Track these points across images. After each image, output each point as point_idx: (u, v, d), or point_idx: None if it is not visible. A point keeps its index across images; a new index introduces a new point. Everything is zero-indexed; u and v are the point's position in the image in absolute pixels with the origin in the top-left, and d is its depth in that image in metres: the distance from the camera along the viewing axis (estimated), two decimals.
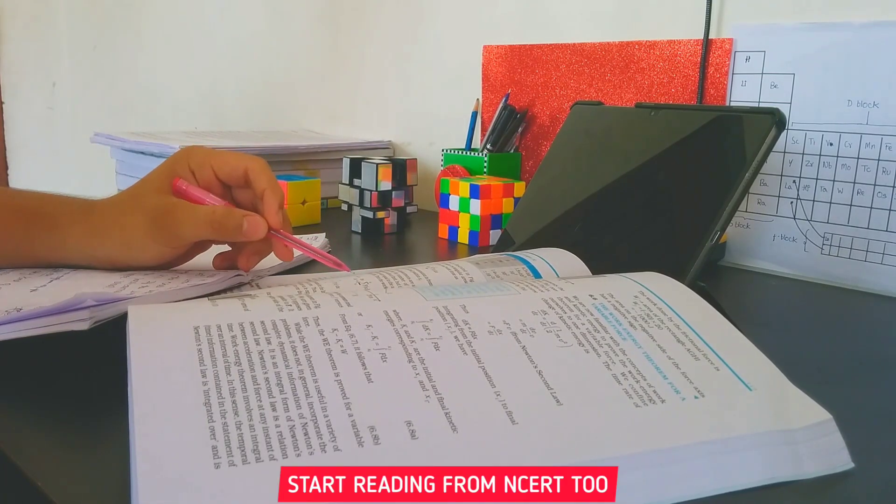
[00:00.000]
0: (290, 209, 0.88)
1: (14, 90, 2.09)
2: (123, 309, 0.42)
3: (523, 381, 0.35)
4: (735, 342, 0.40)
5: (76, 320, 0.41)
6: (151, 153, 0.99)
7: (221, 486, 0.27)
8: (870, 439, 0.38)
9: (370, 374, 0.34)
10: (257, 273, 0.58)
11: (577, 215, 0.64)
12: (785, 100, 0.74)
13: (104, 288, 0.50)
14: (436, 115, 1.12)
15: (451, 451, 0.30)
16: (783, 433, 0.34)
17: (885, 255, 0.69)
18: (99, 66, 1.86)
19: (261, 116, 1.43)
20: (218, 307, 0.37)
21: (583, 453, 0.31)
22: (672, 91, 0.83)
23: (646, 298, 0.42)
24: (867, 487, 0.33)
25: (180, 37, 1.62)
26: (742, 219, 0.78)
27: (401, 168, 0.86)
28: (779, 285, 0.72)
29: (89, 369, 0.44)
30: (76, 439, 0.36)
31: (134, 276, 0.54)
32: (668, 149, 0.60)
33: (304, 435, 0.30)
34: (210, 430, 0.29)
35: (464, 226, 0.82)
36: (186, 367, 0.32)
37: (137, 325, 0.35)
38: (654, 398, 0.35)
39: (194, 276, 0.53)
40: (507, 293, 0.41)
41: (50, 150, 2.03)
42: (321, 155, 1.07)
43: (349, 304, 0.38)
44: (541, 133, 0.96)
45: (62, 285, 0.52)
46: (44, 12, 1.98)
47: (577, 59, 0.91)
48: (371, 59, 1.21)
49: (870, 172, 0.69)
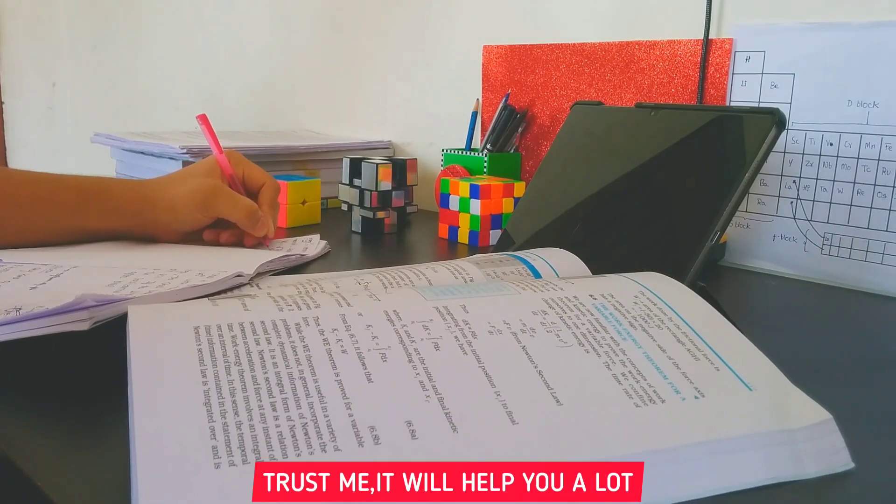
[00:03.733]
0: (290, 209, 0.88)
1: (14, 90, 2.10)
2: (123, 309, 0.42)
3: (523, 381, 0.35)
4: (735, 342, 0.40)
5: (76, 321, 0.41)
6: (151, 153, 0.99)
7: (221, 486, 0.27)
8: (870, 439, 0.38)
9: (370, 374, 0.34)
10: (258, 273, 0.58)
11: (577, 215, 0.64)
12: (785, 100, 0.74)
13: (104, 287, 0.50)
14: (436, 115, 1.12)
15: (452, 451, 0.30)
16: (783, 433, 0.34)
17: (885, 255, 0.69)
18: (99, 66, 1.86)
19: (261, 116, 1.43)
20: (218, 307, 0.37)
21: (583, 453, 0.31)
22: (672, 91, 0.83)
23: (646, 298, 0.42)
24: (867, 487, 0.33)
25: (180, 37, 1.62)
26: (742, 219, 0.78)
27: (401, 168, 0.86)
28: (779, 285, 0.72)
29: (89, 369, 0.44)
30: (76, 439, 0.36)
31: (134, 275, 0.54)
32: (668, 149, 0.60)
33: (305, 435, 0.30)
34: (210, 430, 0.29)
35: (464, 226, 0.82)
36: (186, 367, 0.32)
37: (137, 325, 0.35)
38: (655, 398, 0.35)
39: (194, 277, 0.53)
40: (507, 293, 0.41)
41: (50, 150, 2.03)
42: (321, 155, 1.06)
43: (349, 304, 0.38)
44: (541, 133, 0.96)
45: (62, 283, 0.52)
46: (44, 12, 1.98)
47: (577, 59, 0.91)
48: (371, 58, 1.21)
49: (870, 172, 0.69)
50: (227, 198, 0.67)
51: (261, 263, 0.59)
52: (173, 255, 0.63)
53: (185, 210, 0.66)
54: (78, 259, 0.59)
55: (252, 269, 0.56)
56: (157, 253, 0.64)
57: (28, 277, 0.53)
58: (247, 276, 0.55)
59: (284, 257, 0.65)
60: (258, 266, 0.58)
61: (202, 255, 0.64)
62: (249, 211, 0.67)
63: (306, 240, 0.76)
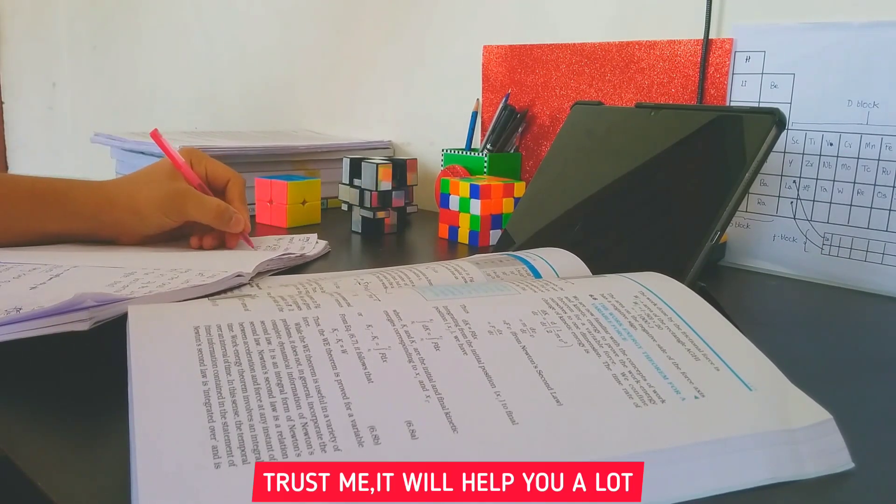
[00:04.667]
0: (291, 209, 0.88)
1: (14, 90, 2.09)
2: (123, 309, 0.42)
3: (523, 381, 0.35)
4: (735, 342, 0.40)
5: (76, 321, 0.41)
6: (151, 153, 0.99)
7: (222, 486, 0.27)
8: (870, 439, 0.38)
9: (370, 374, 0.34)
10: (258, 272, 0.58)
11: (577, 215, 0.64)
12: (785, 100, 0.74)
13: (104, 287, 0.50)
14: (436, 115, 1.12)
15: (452, 451, 0.30)
16: (783, 433, 0.34)
17: (885, 255, 0.69)
18: (99, 66, 1.86)
19: (261, 116, 1.43)
20: (218, 307, 0.37)
21: (583, 453, 0.31)
22: (672, 91, 0.83)
23: (646, 298, 0.42)
24: (867, 487, 0.33)
25: (180, 36, 1.62)
26: (742, 219, 0.78)
27: (401, 168, 0.86)
28: (779, 285, 0.72)
29: (89, 369, 0.44)
30: (76, 439, 0.36)
31: (134, 275, 0.54)
32: (668, 149, 0.60)
33: (305, 435, 0.30)
34: (210, 430, 0.29)
35: (464, 226, 0.82)
36: (186, 367, 0.32)
37: (137, 325, 0.35)
38: (655, 398, 0.35)
39: (194, 277, 0.53)
40: (508, 293, 0.41)
41: (50, 150, 2.03)
42: (321, 155, 1.06)
43: (349, 304, 0.38)
44: (541, 133, 0.96)
45: (62, 282, 0.52)
46: (44, 12, 1.98)
47: (577, 59, 0.91)
48: (371, 58, 1.21)
49: (870, 172, 0.69)
50: (194, 200, 0.65)
51: (260, 262, 0.59)
52: (173, 256, 0.63)
53: (149, 213, 0.64)
54: (78, 259, 0.59)
55: (251, 268, 0.56)
56: (157, 253, 0.64)
57: (28, 277, 0.53)
58: (247, 276, 0.55)
59: (284, 256, 0.65)
60: (258, 265, 0.58)
61: (202, 256, 0.64)
62: (218, 210, 0.65)
63: (303, 238, 0.76)
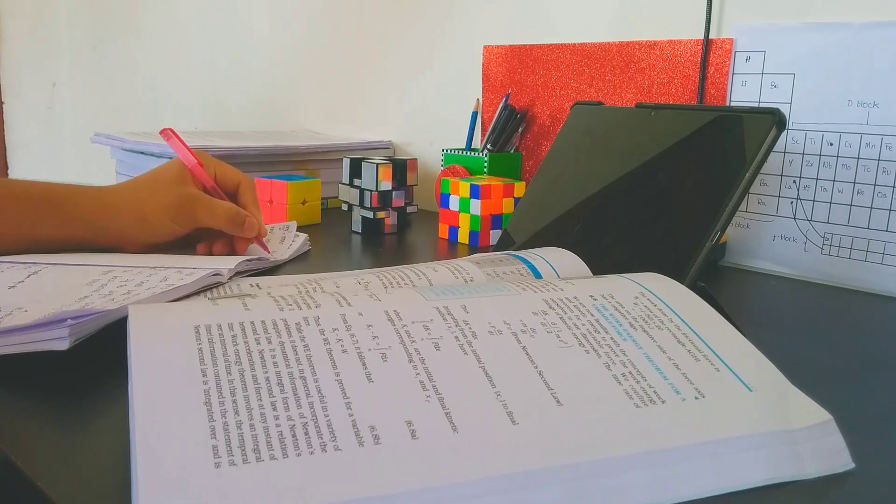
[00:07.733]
0: (291, 209, 0.88)
1: (14, 90, 2.09)
2: (104, 322, 0.43)
3: (524, 381, 0.35)
4: (735, 343, 0.40)
5: (55, 338, 0.41)
6: (151, 153, 0.99)
7: (221, 486, 0.27)
8: (870, 439, 0.38)
9: (370, 374, 0.34)
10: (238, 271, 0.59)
11: (578, 215, 0.64)
12: (785, 100, 0.74)
13: (82, 286, 0.50)
14: (436, 115, 1.12)
15: (452, 451, 0.30)
16: (783, 434, 0.34)
17: (885, 255, 0.69)
18: (99, 66, 1.86)
19: (261, 116, 1.43)
20: (219, 306, 0.37)
21: (583, 454, 0.31)
22: (672, 91, 0.83)
23: (646, 299, 0.42)
24: (867, 487, 0.33)
25: (180, 37, 1.62)
26: (742, 219, 0.78)
27: (401, 168, 0.86)
28: (779, 285, 0.72)
29: (89, 369, 0.44)
30: (76, 439, 0.36)
31: (113, 272, 0.53)
32: (668, 149, 0.60)
33: (305, 434, 0.30)
34: (210, 430, 0.29)
35: (464, 226, 0.82)
36: (187, 367, 0.32)
37: (137, 324, 0.35)
38: (655, 399, 0.35)
39: (173, 274, 0.53)
40: (508, 293, 0.41)
41: (50, 150, 2.03)
42: (321, 155, 1.06)
43: (349, 303, 0.38)
44: (541, 133, 0.96)
45: (39, 281, 0.51)
46: (44, 12, 1.98)
47: (577, 59, 0.91)
48: (371, 59, 1.21)
49: (870, 172, 0.69)
50: (205, 205, 0.63)
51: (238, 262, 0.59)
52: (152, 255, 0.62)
53: (157, 220, 0.61)
54: (56, 256, 0.58)
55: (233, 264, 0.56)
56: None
57: (6, 275, 0.52)
58: (224, 277, 0.54)
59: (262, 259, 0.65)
60: (237, 264, 0.58)
61: (182, 254, 0.63)
62: (230, 214, 0.63)
63: (283, 227, 0.76)
